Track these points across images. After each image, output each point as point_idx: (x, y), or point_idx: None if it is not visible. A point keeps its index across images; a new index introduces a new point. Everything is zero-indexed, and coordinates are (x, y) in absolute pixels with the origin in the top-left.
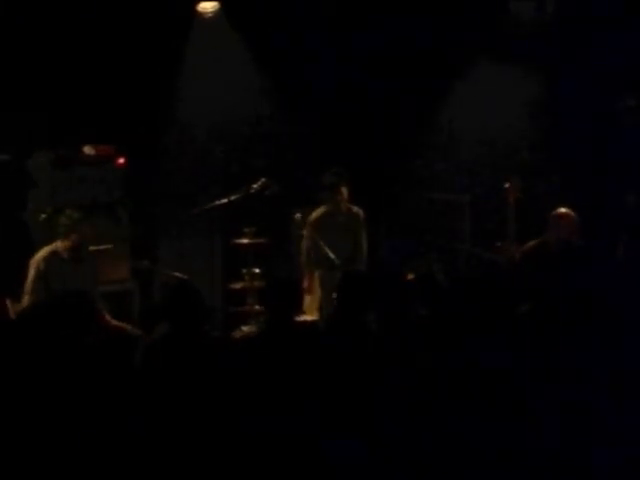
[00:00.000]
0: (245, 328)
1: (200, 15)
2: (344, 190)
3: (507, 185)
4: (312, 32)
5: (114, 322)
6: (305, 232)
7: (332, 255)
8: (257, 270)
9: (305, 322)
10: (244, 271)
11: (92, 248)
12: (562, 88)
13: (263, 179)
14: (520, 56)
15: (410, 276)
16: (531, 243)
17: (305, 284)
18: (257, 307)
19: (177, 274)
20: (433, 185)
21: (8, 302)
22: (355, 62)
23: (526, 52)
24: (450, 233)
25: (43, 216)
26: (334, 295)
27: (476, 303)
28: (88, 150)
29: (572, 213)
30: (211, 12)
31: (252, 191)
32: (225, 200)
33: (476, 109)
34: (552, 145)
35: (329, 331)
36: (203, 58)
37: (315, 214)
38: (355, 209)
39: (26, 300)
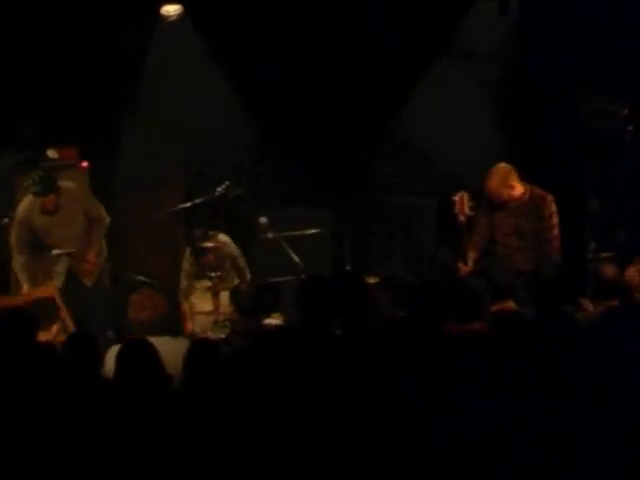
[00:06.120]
0: (211, 333)
1: (163, 18)
2: None
3: (456, 198)
4: (276, 34)
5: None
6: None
7: (296, 258)
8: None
9: (270, 325)
10: (212, 274)
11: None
12: (526, 89)
13: (227, 182)
14: (485, 57)
15: (372, 280)
16: None
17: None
18: (222, 311)
19: (141, 277)
20: (399, 190)
21: None
22: (319, 65)
23: (491, 54)
24: (415, 238)
25: (5, 220)
26: None
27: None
28: (51, 154)
29: None
30: (174, 15)
31: (216, 194)
32: (189, 203)
33: (442, 112)
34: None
35: (295, 336)
36: (166, 60)
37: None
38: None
39: None
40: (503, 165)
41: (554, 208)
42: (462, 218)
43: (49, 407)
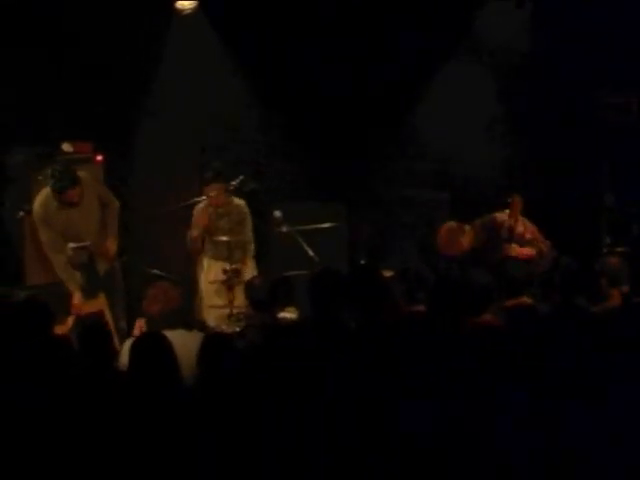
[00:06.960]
0: (225, 327)
1: (178, 12)
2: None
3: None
4: (289, 32)
5: None
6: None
7: (311, 252)
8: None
9: (285, 319)
10: (227, 268)
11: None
12: (539, 85)
13: (242, 176)
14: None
15: (388, 274)
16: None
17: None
18: (236, 305)
19: (156, 271)
20: (414, 184)
21: None
22: (329, 62)
23: (504, 50)
24: (430, 232)
25: (21, 214)
26: None
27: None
28: (66, 147)
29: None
30: (189, 9)
31: (231, 188)
32: (203, 197)
33: (456, 107)
34: (529, 142)
35: (307, 330)
36: (181, 55)
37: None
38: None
39: None
40: (444, 226)
41: (511, 221)
42: (512, 222)
43: (63, 400)
